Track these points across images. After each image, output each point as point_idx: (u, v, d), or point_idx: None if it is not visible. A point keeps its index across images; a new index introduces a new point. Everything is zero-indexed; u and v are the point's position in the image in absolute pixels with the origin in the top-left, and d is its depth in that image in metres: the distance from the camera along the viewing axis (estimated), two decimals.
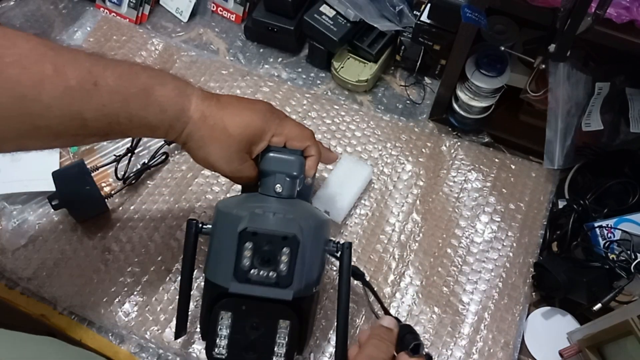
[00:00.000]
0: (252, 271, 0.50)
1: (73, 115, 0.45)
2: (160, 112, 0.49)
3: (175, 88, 0.50)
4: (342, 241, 0.57)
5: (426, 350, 0.65)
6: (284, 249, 0.50)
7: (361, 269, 0.67)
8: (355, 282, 0.67)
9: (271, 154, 0.56)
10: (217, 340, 0.52)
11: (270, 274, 0.50)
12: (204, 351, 0.53)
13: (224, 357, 0.52)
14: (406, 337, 0.53)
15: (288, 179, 0.56)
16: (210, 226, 0.56)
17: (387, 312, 0.67)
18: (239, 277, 0.50)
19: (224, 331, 0.52)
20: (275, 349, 0.52)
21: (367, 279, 0.68)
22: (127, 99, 0.47)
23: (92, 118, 0.46)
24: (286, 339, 0.52)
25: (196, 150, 0.53)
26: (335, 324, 0.57)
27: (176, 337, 0.60)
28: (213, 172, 0.65)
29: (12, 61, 0.42)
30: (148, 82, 0.49)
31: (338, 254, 0.56)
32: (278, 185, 0.56)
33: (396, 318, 0.57)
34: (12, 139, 0.46)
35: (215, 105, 0.53)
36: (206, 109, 0.52)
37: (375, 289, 0.67)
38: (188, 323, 0.61)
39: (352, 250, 0.58)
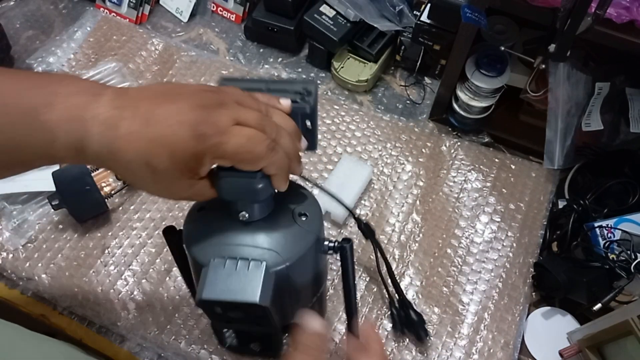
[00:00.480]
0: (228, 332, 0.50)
1: None
2: (49, 139, 0.37)
3: (65, 111, 0.37)
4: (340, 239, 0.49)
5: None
6: (255, 314, 0.42)
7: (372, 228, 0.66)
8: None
9: (222, 180, 0.41)
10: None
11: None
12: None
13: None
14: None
15: (248, 201, 0.43)
16: None
17: (398, 291, 0.66)
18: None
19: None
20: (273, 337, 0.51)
21: (367, 280, 0.68)
22: (12, 123, 0.37)
23: None
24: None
25: (134, 185, 0.44)
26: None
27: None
28: None
29: None
30: (33, 101, 0.37)
31: (337, 256, 0.48)
32: (242, 212, 0.44)
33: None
34: None
35: (126, 136, 0.37)
36: (113, 144, 0.37)
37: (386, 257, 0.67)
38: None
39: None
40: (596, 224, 0.67)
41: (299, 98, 0.44)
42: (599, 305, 0.62)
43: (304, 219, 0.46)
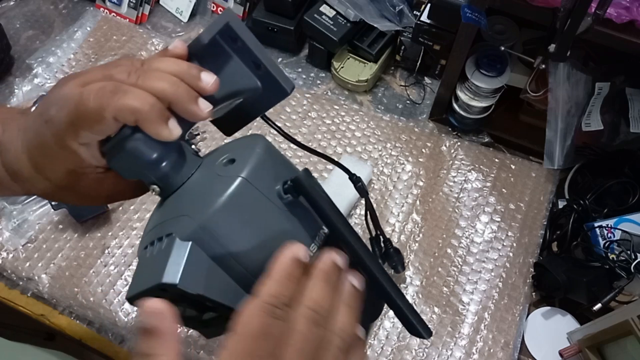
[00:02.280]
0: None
1: None
2: None
3: None
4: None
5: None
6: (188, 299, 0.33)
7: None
8: None
9: (107, 157, 0.37)
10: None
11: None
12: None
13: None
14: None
15: (154, 166, 0.36)
16: None
17: (379, 230, 0.67)
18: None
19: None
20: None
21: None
22: None
23: None
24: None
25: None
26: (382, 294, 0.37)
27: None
28: None
29: None
30: None
31: (298, 197, 0.36)
32: (152, 187, 0.37)
33: None
34: None
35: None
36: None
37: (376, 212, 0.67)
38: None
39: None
40: (596, 224, 0.67)
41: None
42: (599, 305, 0.62)
43: (228, 166, 0.37)
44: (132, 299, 0.34)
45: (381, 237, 0.68)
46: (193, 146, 0.81)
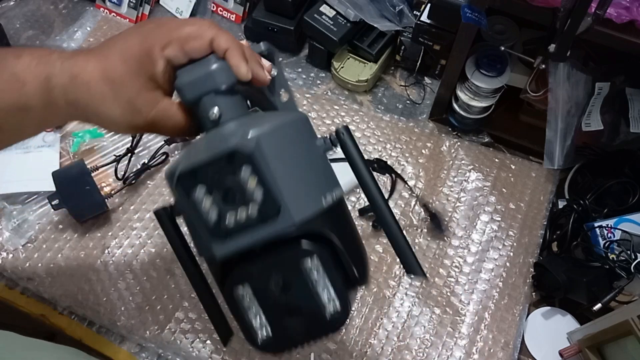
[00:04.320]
0: (226, 220, 0.37)
1: None
2: (20, 86, 0.41)
3: (33, 58, 0.41)
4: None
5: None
6: (241, 171, 0.36)
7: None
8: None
9: (180, 74, 0.42)
10: (254, 323, 0.40)
11: (250, 210, 0.37)
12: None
13: (270, 337, 0.40)
14: None
15: (220, 95, 0.41)
16: None
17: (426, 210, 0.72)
18: (217, 234, 0.38)
19: (253, 310, 0.40)
20: (321, 296, 0.39)
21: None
22: None
23: None
24: (325, 278, 0.39)
25: (96, 120, 0.43)
26: (384, 230, 0.43)
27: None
28: None
29: None
30: (2, 55, 0.41)
31: (337, 149, 0.43)
32: (212, 110, 0.41)
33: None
34: None
35: (84, 58, 0.42)
36: (73, 68, 0.41)
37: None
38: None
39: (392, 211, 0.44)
40: (596, 224, 0.67)
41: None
42: (599, 305, 0.62)
43: (285, 102, 0.47)
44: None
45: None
46: None
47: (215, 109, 0.40)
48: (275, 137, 0.38)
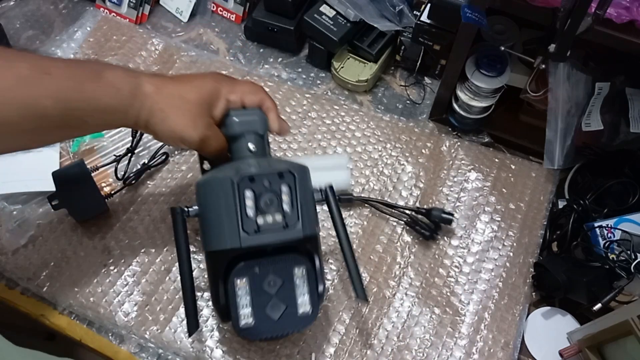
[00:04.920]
0: (258, 219, 0.51)
1: (29, 103, 0.47)
2: (115, 92, 0.51)
3: (125, 71, 0.52)
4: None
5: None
6: (283, 187, 0.52)
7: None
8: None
9: (233, 117, 0.56)
10: (241, 311, 0.51)
11: (277, 217, 0.51)
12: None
13: (251, 324, 0.52)
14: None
15: (257, 136, 0.57)
16: (196, 207, 0.56)
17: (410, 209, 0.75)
18: (248, 228, 0.50)
19: (244, 299, 0.51)
20: (299, 300, 0.53)
21: (366, 281, 0.68)
22: (80, 82, 0.49)
23: (48, 106, 0.47)
24: (306, 286, 0.53)
25: (161, 125, 0.53)
26: (344, 262, 0.58)
27: (190, 334, 0.56)
28: None
29: None
30: (97, 67, 0.52)
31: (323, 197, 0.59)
32: (250, 144, 0.56)
33: None
34: None
35: (167, 79, 0.55)
36: (159, 82, 0.53)
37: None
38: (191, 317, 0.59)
39: (352, 249, 0.59)
40: (596, 224, 0.67)
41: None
42: (599, 305, 0.62)
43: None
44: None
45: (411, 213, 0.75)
46: None
47: (252, 145, 0.56)
48: (306, 172, 0.55)
